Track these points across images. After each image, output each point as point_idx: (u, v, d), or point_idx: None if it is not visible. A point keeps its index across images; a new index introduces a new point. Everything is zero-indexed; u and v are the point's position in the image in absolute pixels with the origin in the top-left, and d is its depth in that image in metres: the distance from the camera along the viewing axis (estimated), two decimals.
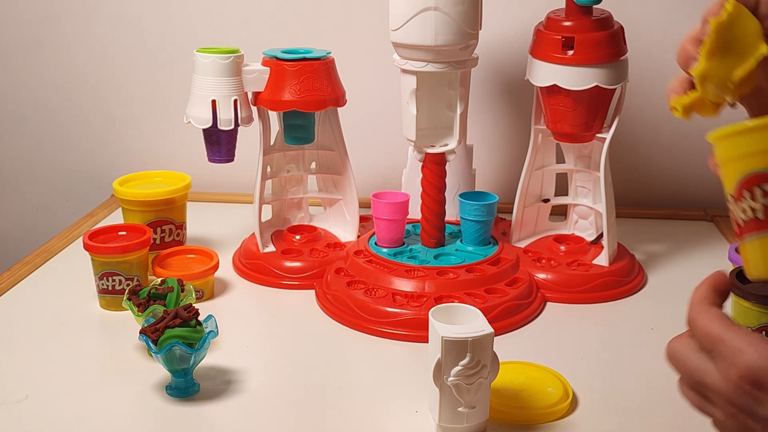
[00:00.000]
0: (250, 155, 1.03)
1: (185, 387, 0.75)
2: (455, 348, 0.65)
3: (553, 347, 0.86)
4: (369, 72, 1.22)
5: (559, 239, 1.04)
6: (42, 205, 1.42)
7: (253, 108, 0.99)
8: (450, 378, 0.66)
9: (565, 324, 0.91)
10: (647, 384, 0.77)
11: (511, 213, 1.05)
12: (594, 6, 0.92)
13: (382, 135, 1.26)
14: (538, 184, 1.05)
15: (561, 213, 1.10)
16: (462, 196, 1.00)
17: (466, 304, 0.73)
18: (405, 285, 0.91)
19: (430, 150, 0.95)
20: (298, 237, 1.06)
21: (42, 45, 1.32)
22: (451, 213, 1.06)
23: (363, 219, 1.08)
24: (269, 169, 1.04)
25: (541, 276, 0.97)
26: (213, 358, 0.81)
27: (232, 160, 0.99)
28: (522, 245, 1.04)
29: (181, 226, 1.05)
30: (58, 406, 0.74)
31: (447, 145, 0.95)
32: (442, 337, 0.65)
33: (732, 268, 0.89)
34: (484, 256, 0.97)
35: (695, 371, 0.50)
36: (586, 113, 0.94)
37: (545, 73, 0.93)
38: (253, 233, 1.04)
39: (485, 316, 0.69)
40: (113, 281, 0.92)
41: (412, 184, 1.08)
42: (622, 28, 0.94)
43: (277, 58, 0.97)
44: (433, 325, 0.67)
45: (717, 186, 1.46)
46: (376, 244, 1.00)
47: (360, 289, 0.92)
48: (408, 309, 0.87)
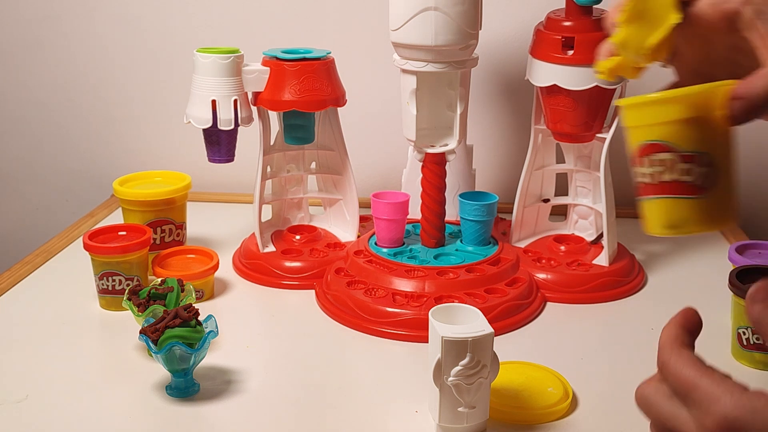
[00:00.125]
0: (250, 155, 1.03)
1: (185, 387, 0.75)
2: (455, 348, 0.65)
3: (553, 347, 0.86)
4: (369, 72, 1.22)
5: (559, 239, 1.04)
6: (42, 205, 1.42)
7: (253, 108, 0.99)
8: (450, 378, 0.66)
9: (565, 324, 0.91)
10: None
11: (511, 213, 1.05)
12: (594, 6, 0.92)
13: (382, 135, 1.26)
14: (538, 184, 1.05)
15: (561, 213, 1.10)
16: (462, 196, 1.00)
17: (466, 304, 0.73)
18: (405, 285, 0.91)
19: (430, 150, 0.96)
20: (298, 237, 1.06)
21: (42, 45, 1.32)
22: (451, 213, 1.06)
23: (363, 219, 1.08)
24: (269, 169, 1.04)
25: (541, 276, 0.97)
26: (213, 358, 0.81)
27: (232, 160, 0.99)
28: (522, 245, 1.04)
29: (181, 226, 1.05)
30: (58, 406, 0.74)
31: (447, 145, 0.95)
32: (442, 337, 0.65)
33: (732, 268, 0.89)
34: (484, 256, 0.97)
35: (668, 418, 0.48)
36: (586, 113, 0.94)
37: (545, 73, 0.94)
38: (253, 233, 1.04)
39: (485, 316, 0.69)
40: (113, 281, 0.92)
41: (412, 184, 1.08)
42: None
43: (277, 58, 0.97)
44: (433, 325, 0.67)
45: None
46: (376, 244, 1.00)
47: (360, 289, 0.92)
48: (408, 309, 0.87)
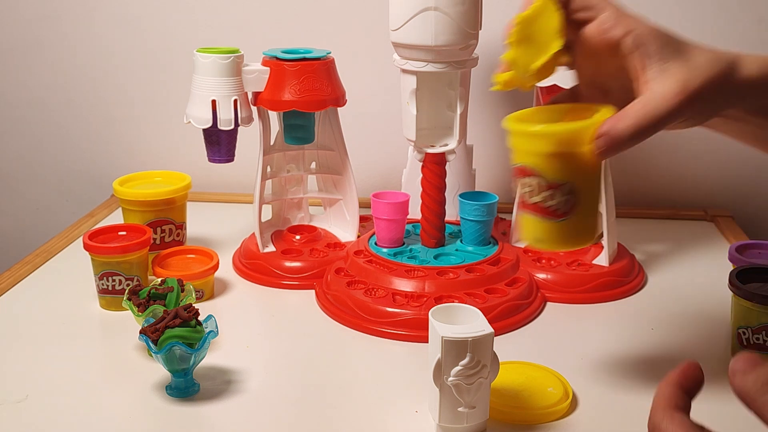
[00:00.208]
0: (250, 155, 1.03)
1: (185, 387, 0.75)
2: (455, 348, 0.65)
3: (553, 347, 0.86)
4: (369, 72, 1.22)
5: None
6: (42, 205, 1.42)
7: (253, 108, 0.99)
8: (450, 378, 0.66)
9: (565, 324, 0.91)
10: (647, 384, 0.77)
11: (511, 213, 1.04)
12: None
13: (382, 135, 1.26)
14: None
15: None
16: (462, 196, 1.00)
17: (466, 304, 0.73)
18: (405, 285, 0.91)
19: (430, 150, 0.95)
20: (298, 237, 1.06)
21: (42, 45, 1.32)
22: (451, 213, 1.06)
23: (363, 219, 1.08)
24: (269, 169, 1.04)
25: (541, 276, 0.97)
26: (213, 358, 0.81)
27: (232, 160, 0.99)
28: (522, 245, 1.04)
29: (181, 226, 1.05)
30: (58, 406, 0.74)
31: (447, 145, 0.95)
32: (442, 337, 0.65)
33: (732, 268, 0.89)
34: (484, 256, 0.97)
35: None
36: None
37: None
38: (253, 233, 1.04)
39: (485, 316, 0.69)
40: (113, 281, 0.92)
41: (412, 184, 1.08)
42: None
43: (277, 58, 0.97)
44: (433, 325, 0.67)
45: (717, 186, 1.46)
46: (376, 244, 1.00)
47: (360, 289, 0.92)
48: (408, 309, 0.87)
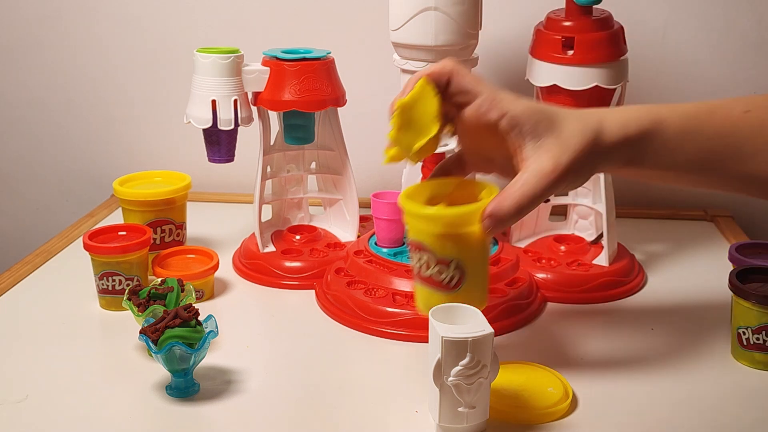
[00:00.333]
0: (250, 155, 1.03)
1: (185, 387, 0.75)
2: (455, 348, 0.65)
3: (553, 347, 0.86)
4: (369, 72, 1.22)
5: (559, 239, 1.04)
6: (42, 205, 1.42)
7: (253, 108, 0.99)
8: (450, 378, 0.66)
9: (565, 324, 0.91)
10: (647, 384, 0.77)
11: None
12: (594, 6, 0.92)
13: (382, 135, 1.25)
14: None
15: (561, 213, 1.10)
16: None
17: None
18: (405, 285, 0.91)
19: None
20: (298, 237, 1.06)
21: (42, 45, 1.32)
22: None
23: (363, 219, 1.08)
24: (269, 169, 1.04)
25: (541, 276, 0.97)
26: (213, 358, 0.81)
27: (232, 160, 0.99)
28: (522, 245, 1.04)
29: (181, 226, 1.05)
30: (58, 406, 0.74)
31: (447, 146, 0.95)
32: (442, 337, 0.65)
33: (732, 268, 0.89)
34: None
35: None
36: None
37: (545, 73, 0.93)
38: (253, 233, 1.04)
39: (485, 316, 0.69)
40: (113, 281, 0.92)
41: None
42: (622, 28, 0.94)
43: (277, 58, 0.97)
44: (433, 325, 0.67)
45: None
46: (376, 244, 1.00)
47: (360, 289, 0.92)
48: (408, 309, 0.87)
